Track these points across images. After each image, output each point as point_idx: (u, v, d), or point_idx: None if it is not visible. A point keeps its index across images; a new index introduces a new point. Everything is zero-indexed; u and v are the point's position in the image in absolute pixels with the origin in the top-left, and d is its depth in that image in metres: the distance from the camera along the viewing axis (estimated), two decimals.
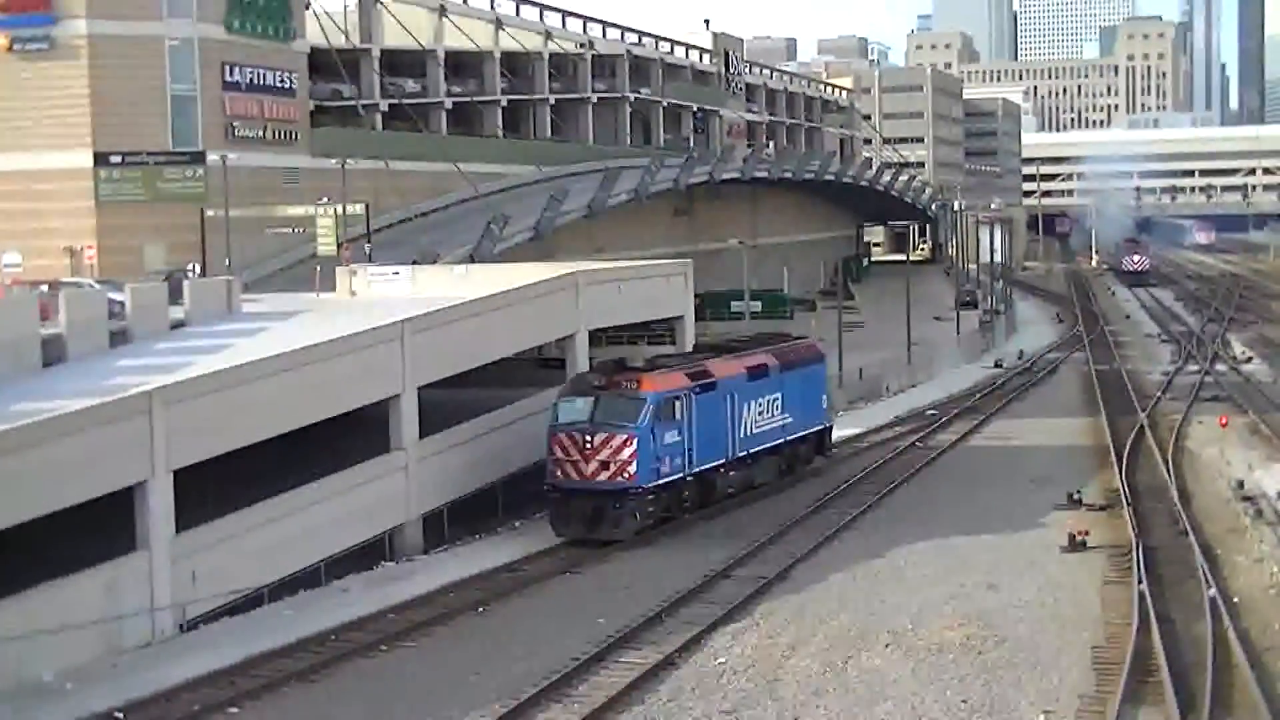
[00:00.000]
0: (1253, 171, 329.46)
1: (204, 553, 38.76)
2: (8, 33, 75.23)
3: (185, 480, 38.48)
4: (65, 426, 35.16)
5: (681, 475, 49.94)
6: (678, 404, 49.50)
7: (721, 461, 52.65)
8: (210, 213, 72.18)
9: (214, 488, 39.98)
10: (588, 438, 47.75)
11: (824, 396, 61.56)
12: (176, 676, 33.48)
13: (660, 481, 48.83)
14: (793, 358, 58.90)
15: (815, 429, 60.41)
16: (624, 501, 47.81)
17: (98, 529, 37.28)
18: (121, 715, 31.13)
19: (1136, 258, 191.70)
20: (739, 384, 53.66)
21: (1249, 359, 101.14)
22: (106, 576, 36.15)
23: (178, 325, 51.28)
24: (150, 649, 36.47)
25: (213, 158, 75.39)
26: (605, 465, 47.70)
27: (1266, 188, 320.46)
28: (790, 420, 57.41)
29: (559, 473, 48.09)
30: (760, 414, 55.11)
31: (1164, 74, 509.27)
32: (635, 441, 47.62)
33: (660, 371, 50.52)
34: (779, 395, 56.38)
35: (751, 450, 54.69)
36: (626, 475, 47.66)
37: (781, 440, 57.06)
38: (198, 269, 67.36)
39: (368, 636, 36.97)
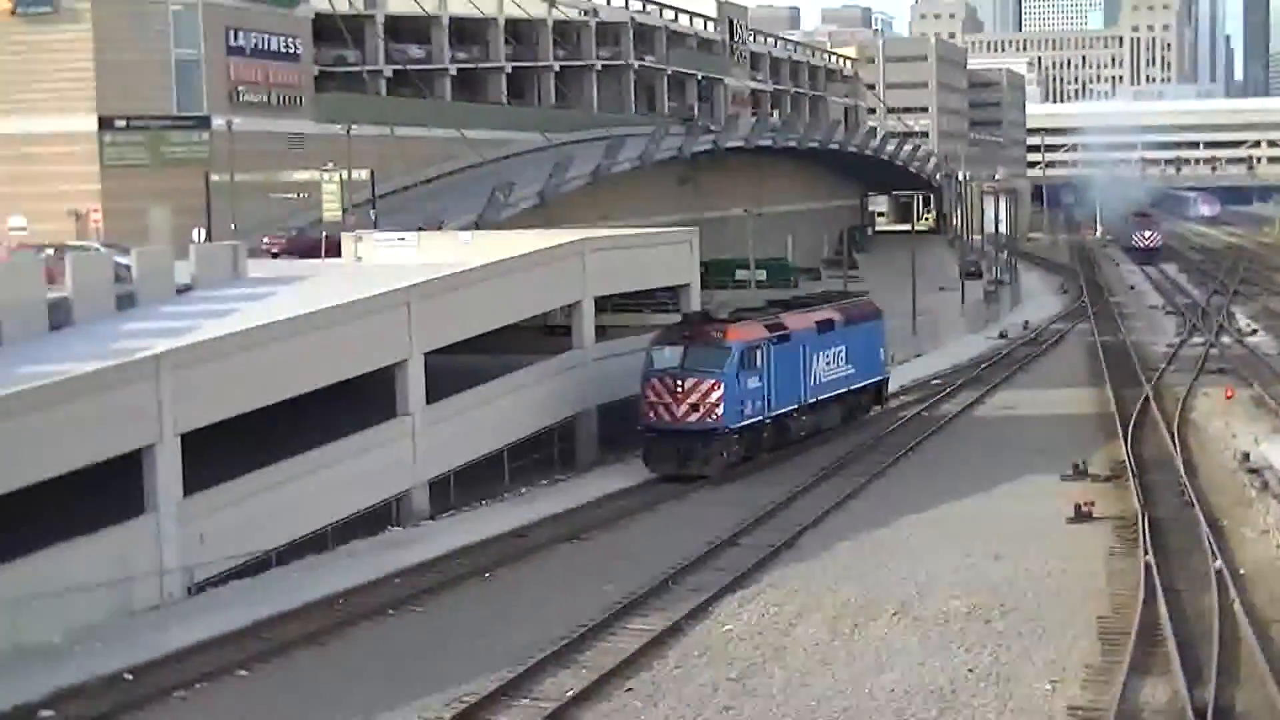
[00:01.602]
0: (1257, 144, 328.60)
1: (212, 516, 38.77)
2: None
3: (193, 444, 38.49)
4: (73, 390, 35.14)
5: (761, 418, 54.69)
6: (758, 353, 54.20)
7: (795, 407, 57.29)
8: (215, 177, 72.16)
9: (221, 451, 39.95)
10: (679, 382, 52.36)
11: (881, 350, 66.32)
12: (185, 639, 33.50)
13: (743, 423, 53.46)
14: (855, 314, 64.00)
15: (874, 380, 65.31)
16: (711, 441, 52.41)
17: (106, 492, 37.29)
18: (130, 677, 31.18)
19: (1147, 233, 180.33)
20: (810, 336, 58.37)
21: (1254, 331, 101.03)
22: (115, 539, 36.15)
23: (184, 289, 51.24)
24: (159, 611, 36.50)
25: (217, 122, 75.47)
26: (695, 408, 52.26)
27: (1271, 160, 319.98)
28: (853, 371, 62.15)
29: (651, 415, 52.68)
30: (827, 364, 59.85)
31: (1168, 45, 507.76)
32: (722, 386, 52.25)
33: (743, 323, 55.42)
34: (844, 348, 61.13)
35: (820, 397, 59.43)
36: (714, 417, 52.26)
37: (845, 389, 61.77)
38: (203, 233, 67.29)
39: (375, 600, 37.04)
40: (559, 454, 56.18)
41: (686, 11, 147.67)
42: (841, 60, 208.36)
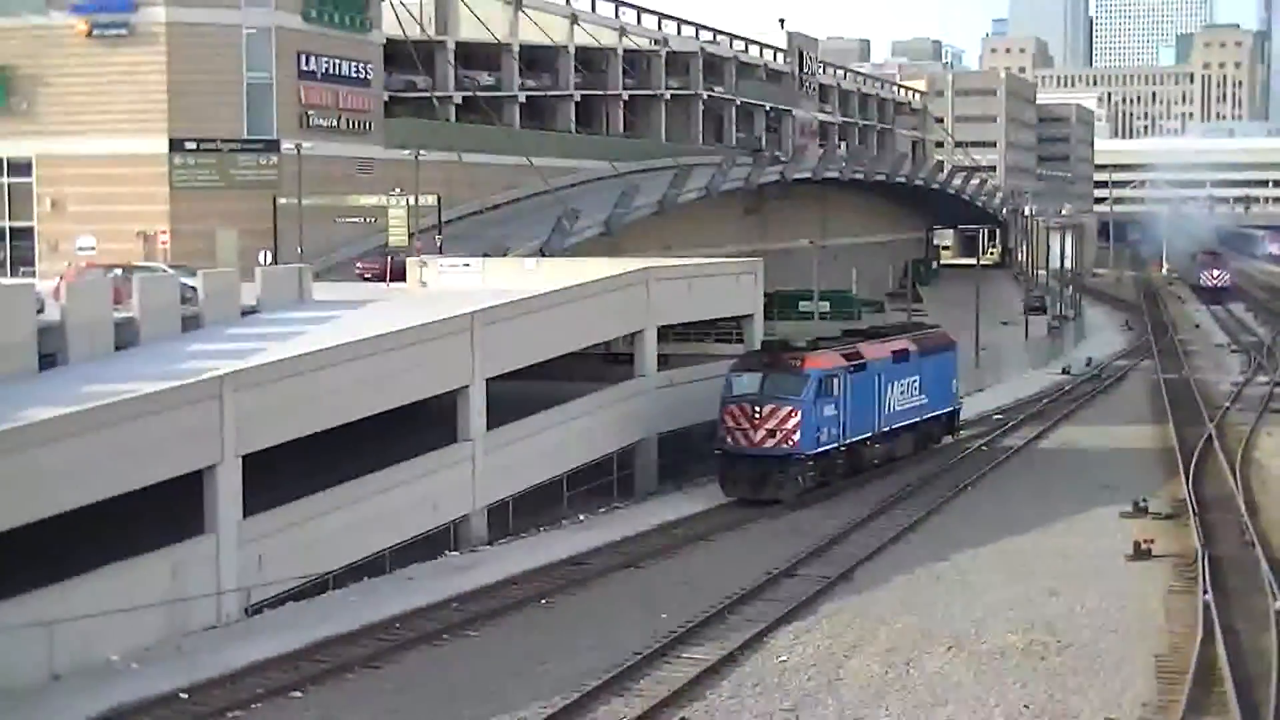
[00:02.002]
0: None
1: (271, 538, 39.05)
2: (88, 18, 75.76)
3: (254, 465, 38.75)
4: (137, 409, 35.46)
5: (836, 445, 55.84)
6: (835, 381, 55.43)
7: (869, 434, 58.44)
8: (283, 201, 72.69)
9: (283, 474, 40.22)
10: (757, 408, 53.43)
11: (954, 381, 67.51)
12: (241, 659, 33.73)
13: (819, 450, 54.60)
14: (929, 344, 65.30)
15: (946, 410, 66.44)
16: (787, 466, 53.37)
17: (166, 512, 37.58)
18: (186, 696, 31.38)
19: (1216, 272, 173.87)
20: (885, 366, 59.65)
21: None
22: (174, 559, 36.45)
23: (249, 311, 51.64)
24: (215, 632, 36.78)
25: (287, 146, 75.86)
26: (772, 433, 53.42)
27: None
28: (926, 401, 63.33)
29: (729, 439, 53.75)
30: (901, 394, 60.97)
31: (1240, 82, 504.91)
32: (799, 413, 53.44)
33: (821, 351, 56.85)
34: (917, 378, 62.28)
35: (893, 426, 60.54)
36: (790, 443, 53.44)
37: (918, 419, 62.93)
38: (270, 256, 67.77)
39: (432, 625, 37.17)
40: (618, 481, 56.23)
41: (756, 42, 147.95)
42: (910, 93, 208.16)
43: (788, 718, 31.09)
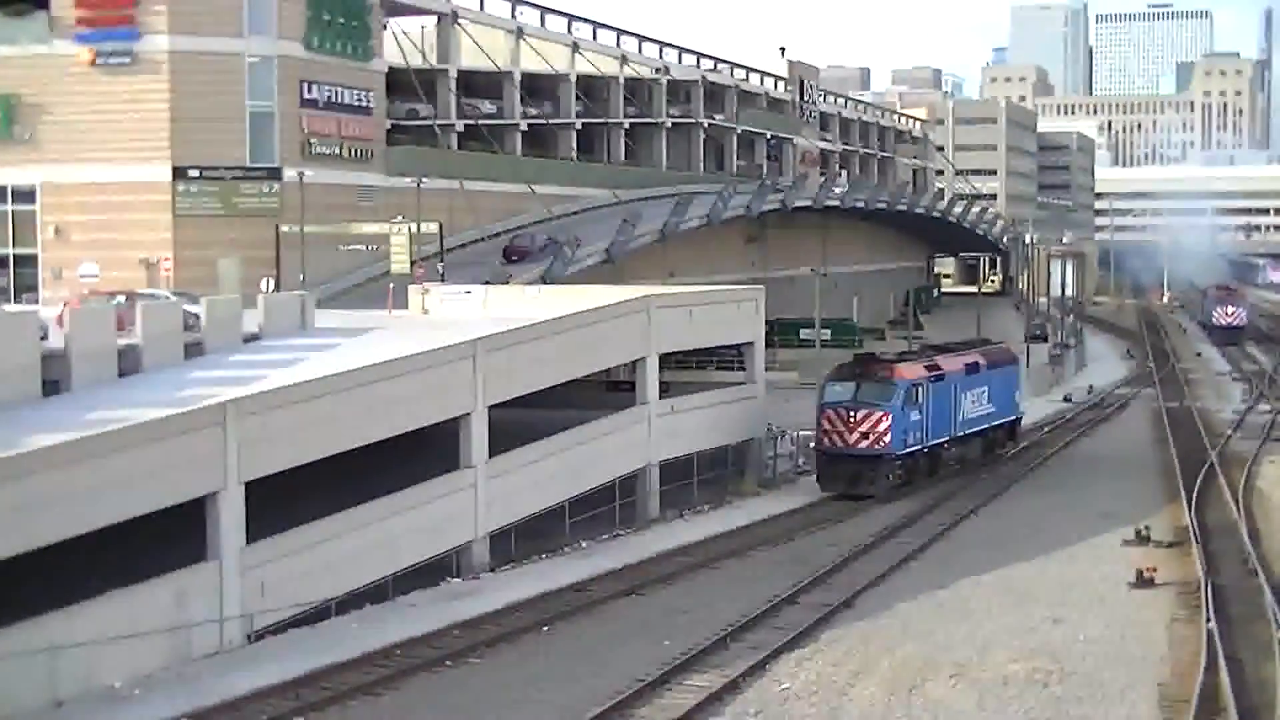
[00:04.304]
0: None
1: (273, 564, 39.05)
2: (92, 47, 76.07)
3: (257, 492, 38.78)
4: (140, 436, 35.52)
5: (920, 447, 62.51)
6: (919, 390, 61.88)
7: (946, 438, 64.94)
8: (285, 228, 72.80)
9: (285, 501, 40.24)
10: (851, 413, 60.16)
11: (1017, 392, 73.79)
12: (243, 686, 33.72)
13: (906, 451, 61.30)
14: (996, 358, 71.74)
15: (1010, 419, 72.90)
16: (879, 465, 60.17)
17: (170, 538, 37.60)
18: None
19: (1230, 308, 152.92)
20: (960, 377, 65.93)
21: None
22: (176, 585, 36.46)
23: (252, 338, 51.69)
24: (218, 658, 36.76)
25: (289, 174, 76.05)
26: (865, 435, 60.09)
27: None
28: (993, 410, 69.63)
29: (826, 441, 60.67)
30: (973, 402, 67.28)
31: (1240, 111, 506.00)
32: (890, 417, 59.95)
33: (907, 363, 63.78)
34: (986, 389, 68.52)
35: (966, 431, 67.01)
36: (882, 444, 60.15)
37: (986, 426, 69.22)
38: (272, 284, 67.88)
39: (433, 652, 37.17)
40: (620, 508, 56.26)
41: (758, 71, 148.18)
42: (911, 121, 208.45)
43: None
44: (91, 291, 60.05)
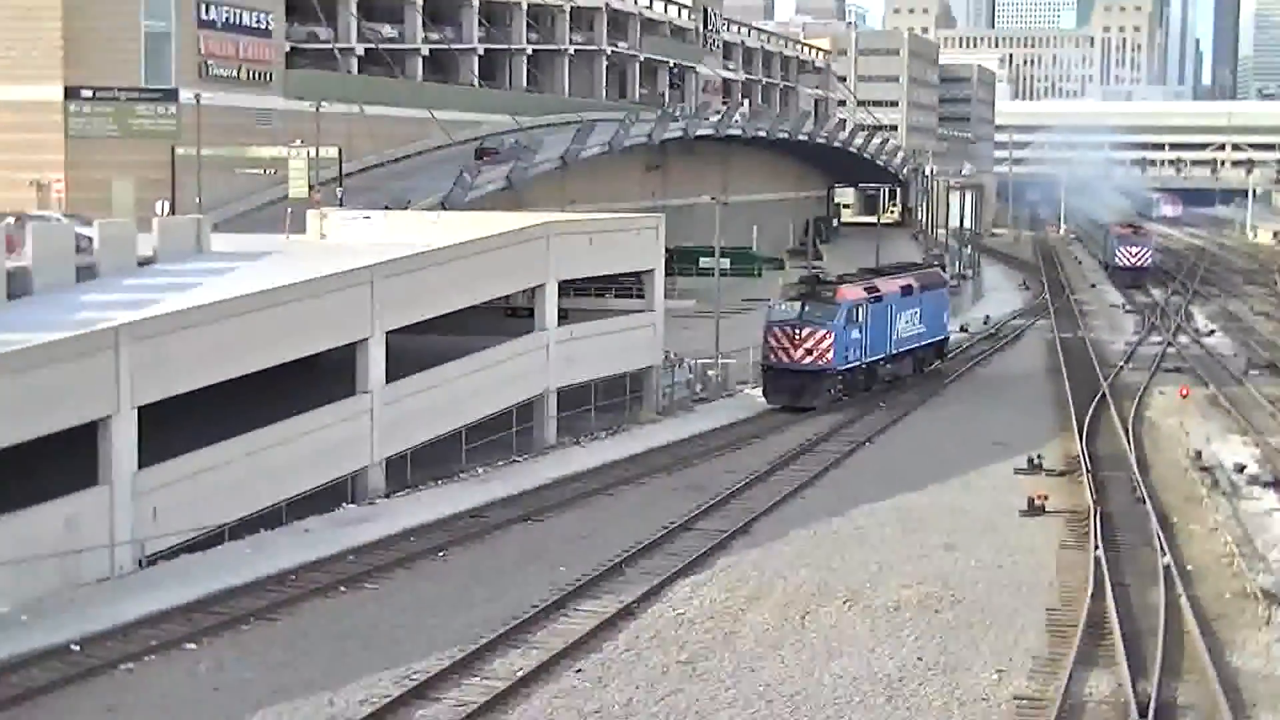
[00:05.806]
0: (1222, 147, 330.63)
1: (166, 489, 38.70)
2: None
3: (149, 417, 38.43)
4: (30, 360, 35.04)
5: (859, 363, 67.14)
6: (859, 310, 66.47)
7: (882, 356, 69.57)
8: (181, 151, 71.92)
9: (179, 426, 39.91)
10: (797, 330, 64.42)
11: (946, 314, 79.40)
12: (134, 611, 33.55)
13: (846, 367, 65.92)
14: (927, 281, 76.52)
15: (939, 339, 77.93)
16: (821, 380, 64.79)
17: (58, 463, 37.22)
18: (78, 648, 31.21)
19: (1134, 249, 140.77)
20: (895, 299, 70.35)
21: (1211, 332, 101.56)
22: (67, 510, 36.07)
23: (146, 262, 51.10)
24: (109, 584, 36.48)
25: (186, 96, 75.01)
26: (809, 352, 64.56)
27: (1235, 163, 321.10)
28: (924, 330, 74.33)
29: (772, 357, 65.19)
30: (906, 323, 71.89)
31: (1139, 46, 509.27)
32: (833, 335, 64.51)
33: (849, 284, 68.33)
34: (918, 309, 73.22)
35: (900, 350, 71.70)
36: (825, 360, 64.73)
37: (917, 345, 73.99)
38: (167, 207, 67.08)
39: (328, 577, 37.13)
40: (517, 435, 56.22)
41: None
42: (814, 52, 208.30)
43: (683, 670, 31.29)
44: None
